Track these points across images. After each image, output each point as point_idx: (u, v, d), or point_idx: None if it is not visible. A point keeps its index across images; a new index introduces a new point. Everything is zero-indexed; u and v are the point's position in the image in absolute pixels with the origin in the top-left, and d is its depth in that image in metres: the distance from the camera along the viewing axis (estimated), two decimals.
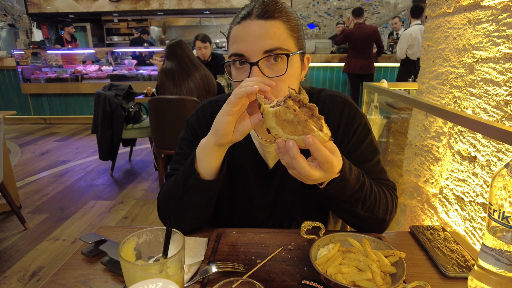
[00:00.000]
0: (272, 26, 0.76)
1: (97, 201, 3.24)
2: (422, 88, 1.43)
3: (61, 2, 8.67)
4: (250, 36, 0.75)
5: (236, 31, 0.78)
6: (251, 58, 0.76)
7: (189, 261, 0.76)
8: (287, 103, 0.60)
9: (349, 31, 5.38)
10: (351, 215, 0.82)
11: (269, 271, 0.75)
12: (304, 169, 0.62)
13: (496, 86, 0.98)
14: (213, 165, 0.79)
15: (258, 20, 0.76)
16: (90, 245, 0.83)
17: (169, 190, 0.89)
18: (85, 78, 6.25)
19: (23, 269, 2.21)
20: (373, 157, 0.92)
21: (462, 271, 0.76)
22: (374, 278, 0.65)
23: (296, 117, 0.59)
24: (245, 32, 0.76)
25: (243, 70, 0.79)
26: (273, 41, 0.75)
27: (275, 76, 0.76)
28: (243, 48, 0.76)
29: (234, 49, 0.78)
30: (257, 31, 0.75)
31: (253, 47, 0.75)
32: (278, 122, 0.61)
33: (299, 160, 0.61)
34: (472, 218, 1.06)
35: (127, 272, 0.56)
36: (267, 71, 0.76)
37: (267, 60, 0.76)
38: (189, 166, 0.81)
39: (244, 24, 0.77)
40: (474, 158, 1.06)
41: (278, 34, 0.76)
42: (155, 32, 9.87)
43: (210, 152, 0.77)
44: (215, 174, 0.81)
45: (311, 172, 0.63)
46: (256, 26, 0.75)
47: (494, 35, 1.00)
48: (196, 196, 0.83)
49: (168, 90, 2.89)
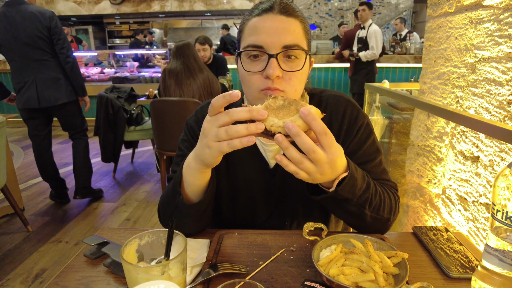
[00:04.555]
0: (292, 23, 0.78)
1: (100, 203, 3.25)
2: (424, 88, 1.42)
3: (63, 5, 8.71)
4: (271, 29, 0.76)
5: (256, 23, 0.78)
6: (270, 50, 0.76)
7: (191, 263, 0.76)
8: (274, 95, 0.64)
9: (350, 32, 5.36)
10: (359, 218, 0.81)
11: (272, 273, 0.75)
12: (309, 145, 0.60)
13: (498, 86, 0.98)
14: (199, 183, 0.77)
15: (281, 15, 0.77)
16: (93, 247, 0.83)
17: (164, 201, 0.89)
18: (87, 81, 6.28)
19: (26, 271, 2.22)
20: (375, 157, 0.91)
21: (465, 271, 0.76)
22: (376, 279, 0.65)
23: (285, 100, 0.62)
24: (266, 25, 0.77)
25: (259, 62, 0.79)
26: (292, 37, 0.77)
27: (291, 71, 0.78)
28: (264, 40, 0.76)
29: (252, 40, 0.78)
30: (279, 25, 0.77)
31: (274, 40, 0.76)
32: (270, 113, 0.61)
33: (303, 136, 0.59)
34: (476, 219, 1.05)
35: (129, 274, 0.56)
36: (283, 65, 0.77)
37: (284, 55, 0.78)
38: (175, 186, 0.80)
39: (266, 17, 0.78)
40: (477, 158, 1.06)
41: (297, 32, 0.78)
42: (156, 34, 9.91)
43: (196, 173, 0.74)
44: (202, 192, 0.80)
45: (315, 148, 0.60)
46: (279, 20, 0.77)
47: (496, 34, 0.99)
48: (186, 214, 0.82)
49: (170, 89, 2.89)
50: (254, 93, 0.80)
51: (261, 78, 0.78)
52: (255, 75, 0.79)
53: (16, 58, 2.65)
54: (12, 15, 2.51)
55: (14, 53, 2.63)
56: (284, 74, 0.78)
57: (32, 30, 2.54)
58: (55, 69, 2.73)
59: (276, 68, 0.75)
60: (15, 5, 2.53)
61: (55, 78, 2.72)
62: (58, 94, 2.74)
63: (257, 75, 0.78)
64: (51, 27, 2.59)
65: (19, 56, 2.64)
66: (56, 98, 2.74)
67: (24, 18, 2.52)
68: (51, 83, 2.71)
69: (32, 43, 2.58)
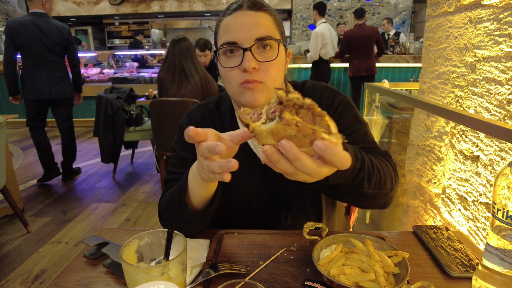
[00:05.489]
0: (261, 16, 0.83)
1: (99, 203, 3.25)
2: (424, 87, 1.42)
3: (62, 6, 8.71)
4: (242, 25, 0.81)
5: (228, 22, 0.83)
6: (244, 45, 0.80)
7: (191, 263, 0.75)
8: (285, 117, 0.45)
9: (349, 32, 5.35)
10: (359, 197, 0.77)
11: (272, 273, 0.74)
12: (312, 169, 0.49)
13: (498, 85, 0.98)
14: (206, 194, 0.77)
15: (250, 10, 0.83)
16: (92, 248, 0.83)
17: (167, 206, 0.88)
18: (87, 81, 6.27)
19: (26, 272, 2.21)
20: (359, 128, 0.91)
21: (466, 270, 0.76)
22: (377, 279, 0.65)
23: (300, 132, 0.46)
24: (237, 22, 0.82)
25: (235, 57, 0.83)
26: (263, 29, 0.81)
27: (267, 61, 0.81)
28: (236, 36, 0.81)
29: (226, 38, 0.82)
30: (249, 20, 0.81)
31: (246, 34, 0.80)
32: (277, 139, 0.48)
33: (303, 160, 0.48)
34: (476, 218, 1.05)
35: (129, 274, 0.55)
36: (258, 57, 0.81)
37: (258, 47, 0.81)
38: (180, 196, 0.80)
39: (236, 14, 0.83)
40: (476, 157, 1.06)
41: (267, 24, 0.82)
42: (156, 34, 9.90)
43: (201, 185, 0.74)
44: (209, 201, 0.80)
45: (320, 170, 0.50)
46: (248, 16, 0.82)
47: (496, 33, 0.99)
48: (191, 222, 0.83)
49: (168, 89, 2.88)
50: (234, 88, 0.84)
51: (239, 72, 0.81)
52: (233, 70, 0.82)
53: (34, 57, 3.33)
54: (40, 24, 3.26)
55: (35, 53, 3.31)
56: (260, 65, 0.81)
57: (55, 38, 3.36)
58: (63, 69, 3.53)
59: (252, 60, 0.79)
60: (41, 16, 3.30)
61: (63, 77, 3.52)
62: (64, 90, 3.53)
63: (235, 70, 0.82)
64: (68, 39, 3.47)
65: (38, 57, 3.33)
66: (63, 93, 3.52)
67: (50, 28, 3.32)
68: (59, 80, 3.48)
69: (52, 48, 3.36)
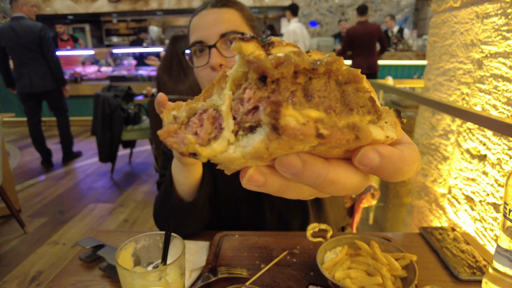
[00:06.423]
0: (226, 12, 0.83)
1: (97, 204, 3.21)
2: (429, 85, 1.40)
3: (59, 3, 8.66)
4: (206, 22, 0.82)
5: (194, 22, 0.86)
6: (209, 42, 0.82)
7: (190, 266, 0.73)
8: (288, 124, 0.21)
9: (352, 29, 5.31)
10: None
11: (274, 276, 0.72)
12: (356, 185, 0.26)
13: (506, 82, 0.95)
14: (190, 182, 0.77)
15: (213, 8, 0.84)
16: (88, 250, 0.80)
17: (158, 204, 0.87)
18: (84, 80, 6.23)
19: (23, 274, 2.18)
20: None
21: (473, 272, 0.73)
22: (384, 283, 0.62)
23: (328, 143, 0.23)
24: (202, 21, 0.84)
25: (204, 56, 0.84)
26: (228, 25, 0.82)
27: (233, 56, 0.81)
28: (202, 35, 0.82)
29: (193, 37, 0.84)
30: (212, 17, 0.83)
31: (210, 32, 0.81)
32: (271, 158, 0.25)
33: (341, 181, 0.25)
34: (483, 218, 1.02)
35: (125, 279, 0.53)
36: (225, 52, 0.82)
37: (225, 43, 0.82)
38: (166, 186, 0.80)
39: (201, 14, 0.84)
40: (484, 156, 1.03)
41: (232, 20, 0.83)
42: (154, 32, 9.86)
43: (182, 171, 0.75)
44: (195, 191, 0.79)
45: (364, 184, 0.27)
46: (212, 13, 0.83)
47: (504, 29, 0.97)
48: (182, 215, 0.81)
49: (165, 85, 2.86)
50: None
51: (209, 71, 0.82)
52: (204, 69, 0.83)
53: (17, 57, 3.83)
54: (15, 27, 3.70)
55: (16, 53, 3.81)
56: (228, 61, 0.81)
57: (28, 38, 3.75)
58: (43, 65, 3.90)
59: (218, 57, 0.80)
60: (18, 19, 3.74)
61: (43, 71, 3.89)
62: (45, 83, 3.92)
63: (205, 68, 0.83)
64: (41, 36, 3.79)
65: (19, 55, 3.81)
66: (44, 86, 3.91)
67: (23, 29, 3.72)
68: (41, 74, 3.88)
69: (27, 47, 3.78)
